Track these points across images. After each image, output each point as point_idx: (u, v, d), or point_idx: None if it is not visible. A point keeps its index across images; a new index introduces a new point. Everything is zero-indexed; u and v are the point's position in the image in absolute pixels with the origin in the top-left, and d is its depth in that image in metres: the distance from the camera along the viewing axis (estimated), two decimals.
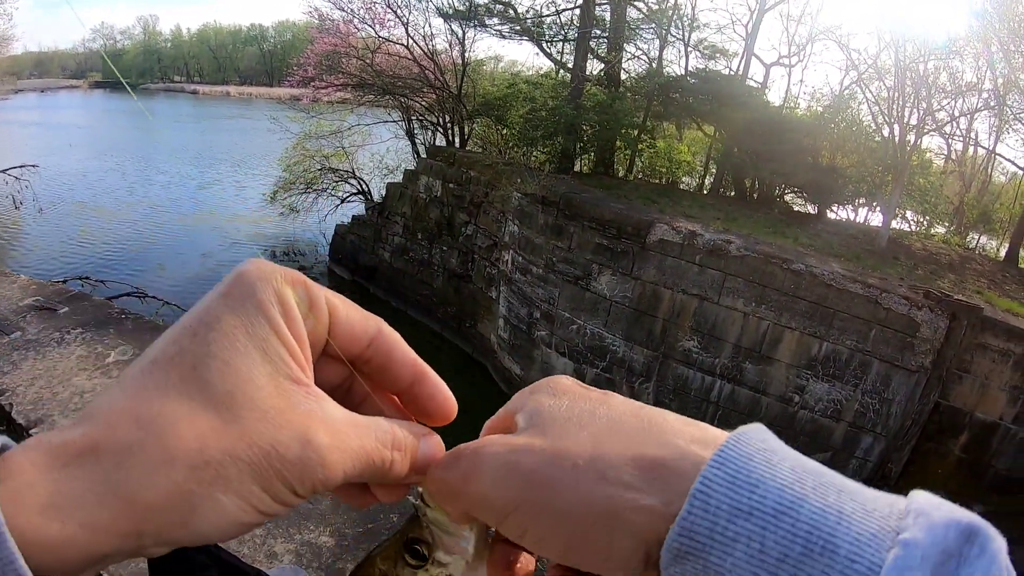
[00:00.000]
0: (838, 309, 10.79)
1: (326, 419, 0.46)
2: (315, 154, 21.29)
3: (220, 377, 0.42)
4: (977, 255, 16.28)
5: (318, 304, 0.49)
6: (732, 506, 0.39)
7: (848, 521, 0.38)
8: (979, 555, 0.36)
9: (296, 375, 0.46)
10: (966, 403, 10.63)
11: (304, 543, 4.39)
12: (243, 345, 0.44)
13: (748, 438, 0.43)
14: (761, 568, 0.37)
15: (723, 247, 11.47)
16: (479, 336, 15.69)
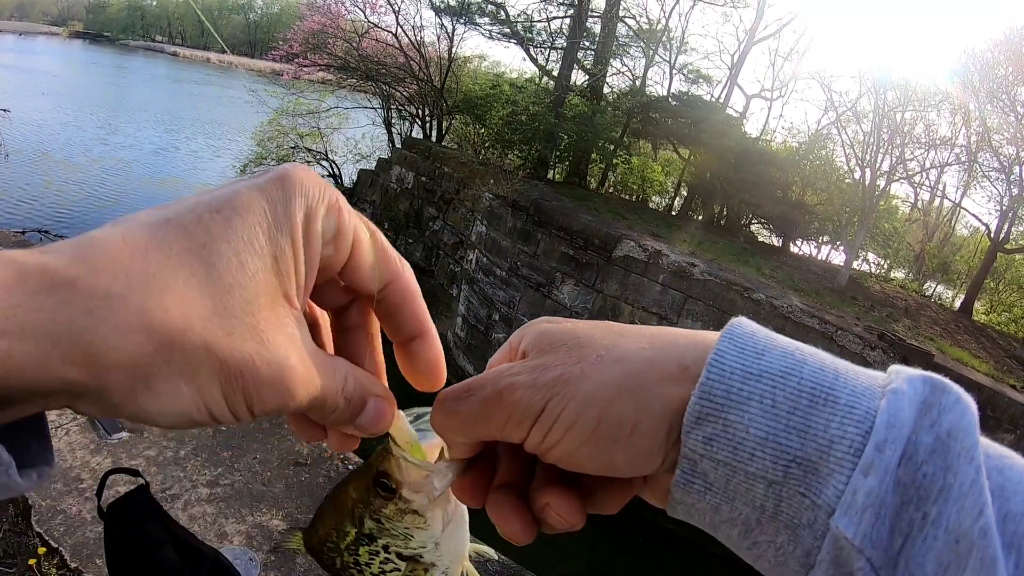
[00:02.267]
0: None
1: (303, 349, 0.45)
2: (290, 131, 21.02)
3: (228, 266, 0.41)
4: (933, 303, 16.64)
5: (344, 235, 0.49)
6: (744, 370, 0.44)
7: (844, 377, 0.44)
8: (955, 402, 0.42)
9: (292, 295, 0.45)
10: None
11: (255, 525, 4.35)
12: (260, 246, 0.43)
13: (747, 322, 0.48)
14: (775, 420, 0.42)
15: (687, 269, 11.54)
16: None
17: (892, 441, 0.39)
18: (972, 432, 0.40)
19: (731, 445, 0.43)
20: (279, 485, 4.75)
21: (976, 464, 0.39)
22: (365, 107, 21.33)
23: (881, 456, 0.39)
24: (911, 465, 0.39)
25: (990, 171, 17.85)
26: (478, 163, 15.45)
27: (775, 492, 0.42)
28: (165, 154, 30.19)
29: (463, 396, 0.50)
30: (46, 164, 24.31)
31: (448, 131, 19.43)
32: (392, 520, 0.58)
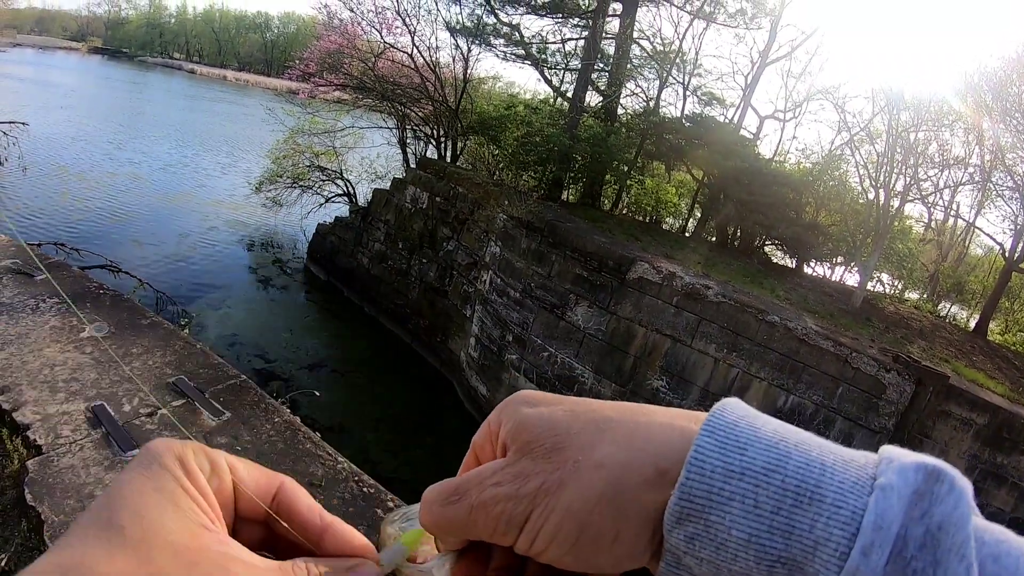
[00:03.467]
0: (808, 364, 10.85)
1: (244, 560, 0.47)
2: (305, 150, 21.20)
3: (132, 524, 0.43)
4: (948, 324, 16.51)
5: (219, 465, 0.51)
6: (725, 468, 0.43)
7: (831, 472, 0.42)
8: (948, 492, 0.40)
9: (206, 523, 0.47)
10: None
11: None
12: (153, 499, 0.45)
13: (731, 408, 0.48)
14: (757, 521, 0.42)
15: (701, 291, 11.52)
16: (449, 352, 15.62)
17: (879, 544, 0.39)
18: (964, 525, 0.39)
19: (713, 545, 0.43)
20: None
21: (967, 562, 0.38)
22: (380, 127, 21.49)
23: (867, 560, 0.38)
24: (900, 561, 0.38)
25: (1004, 190, 17.78)
26: (492, 184, 15.52)
27: None
28: (178, 170, 30.52)
29: (449, 502, 0.52)
30: (63, 178, 24.64)
31: (463, 152, 19.55)
32: None
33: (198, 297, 17.19)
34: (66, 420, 5.15)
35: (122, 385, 5.75)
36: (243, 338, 15.62)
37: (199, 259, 19.84)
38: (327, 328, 17.51)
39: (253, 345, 15.43)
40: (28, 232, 17.21)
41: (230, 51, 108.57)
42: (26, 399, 5.28)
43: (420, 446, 13.07)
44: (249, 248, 21.85)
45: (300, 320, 17.61)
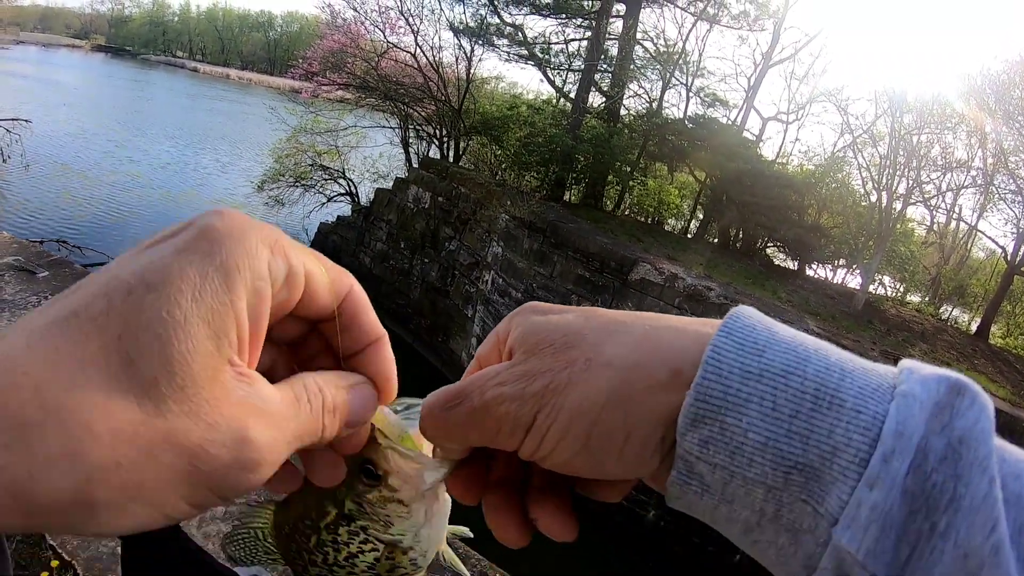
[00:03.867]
0: None
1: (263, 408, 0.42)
2: (308, 149, 21.19)
3: (148, 356, 0.37)
4: (949, 327, 16.51)
5: (295, 275, 0.46)
6: (743, 369, 0.42)
7: (851, 377, 0.41)
8: (969, 406, 0.39)
9: (235, 357, 0.41)
10: None
11: None
12: (185, 314, 0.38)
13: (747, 312, 0.46)
14: (775, 424, 0.40)
15: (703, 293, 11.53)
16: (450, 352, 15.62)
17: (900, 452, 0.38)
18: (987, 440, 0.38)
19: (728, 450, 0.41)
20: None
21: (990, 475, 0.37)
22: (383, 126, 21.51)
23: (887, 468, 0.38)
24: (920, 474, 0.37)
25: (1006, 193, 17.78)
26: (495, 184, 15.52)
27: (775, 497, 0.41)
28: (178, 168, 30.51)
29: (451, 405, 0.49)
30: (65, 175, 24.64)
31: (465, 152, 19.53)
32: (374, 506, 0.58)
33: None
34: None
35: None
36: None
37: None
38: None
39: None
40: (30, 230, 17.22)
41: (233, 50, 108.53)
42: None
43: None
44: None
45: None
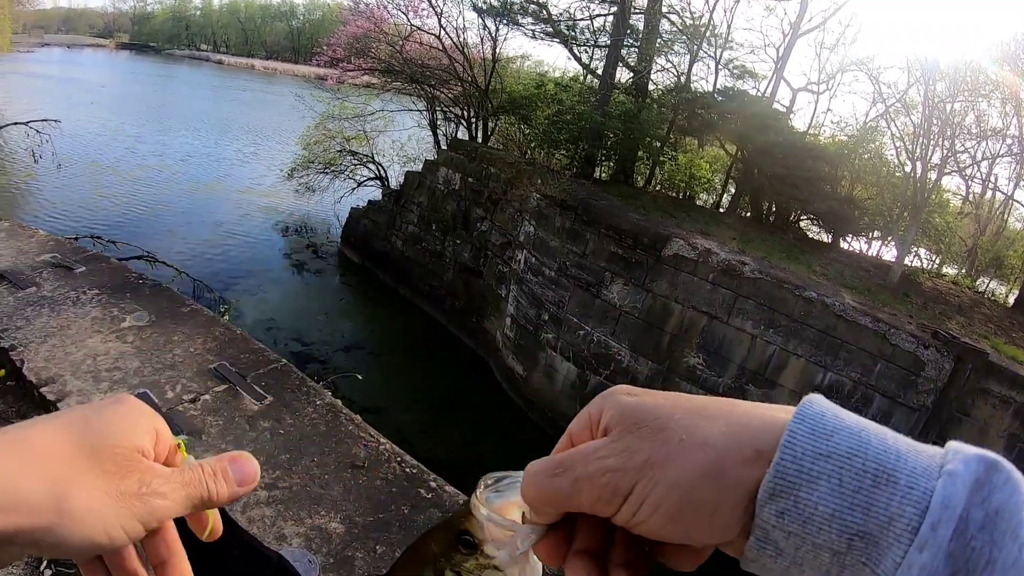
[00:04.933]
0: (846, 340, 10.76)
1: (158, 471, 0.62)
2: (336, 135, 21.30)
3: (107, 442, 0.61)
4: (986, 299, 16.24)
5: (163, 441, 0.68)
6: (814, 451, 0.49)
7: (905, 458, 0.48)
8: (1005, 482, 0.46)
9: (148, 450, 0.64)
10: None
11: (314, 527, 4.25)
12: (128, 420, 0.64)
13: (818, 401, 0.53)
14: (840, 498, 0.47)
15: (737, 268, 11.45)
16: (484, 332, 15.65)
17: (945, 521, 0.44)
18: (1018, 512, 0.45)
19: (801, 519, 0.48)
20: (337, 488, 4.71)
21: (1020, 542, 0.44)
22: (410, 109, 21.55)
23: (935, 534, 0.44)
24: (961, 539, 0.44)
25: None
26: (525, 163, 15.49)
27: (839, 560, 0.48)
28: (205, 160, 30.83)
29: (555, 473, 0.57)
30: (95, 172, 25.05)
31: (494, 132, 19.50)
32: (471, 573, 0.64)
33: (234, 284, 17.42)
34: None
35: (164, 372, 5.73)
36: (280, 322, 15.82)
37: (234, 246, 20.06)
38: (362, 311, 17.66)
39: (290, 329, 15.61)
40: (65, 226, 17.53)
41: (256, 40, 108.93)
42: (70, 389, 5.34)
43: (456, 426, 13.15)
44: (283, 234, 22.05)
45: (336, 303, 17.79)
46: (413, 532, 4.26)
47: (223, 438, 5.02)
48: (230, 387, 5.66)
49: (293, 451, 4.95)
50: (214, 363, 5.98)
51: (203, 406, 5.36)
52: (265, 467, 4.76)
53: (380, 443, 5.22)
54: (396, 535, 4.26)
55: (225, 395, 5.55)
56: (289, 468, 4.77)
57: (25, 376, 5.47)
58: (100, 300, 6.98)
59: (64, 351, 5.85)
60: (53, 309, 6.60)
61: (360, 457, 4.99)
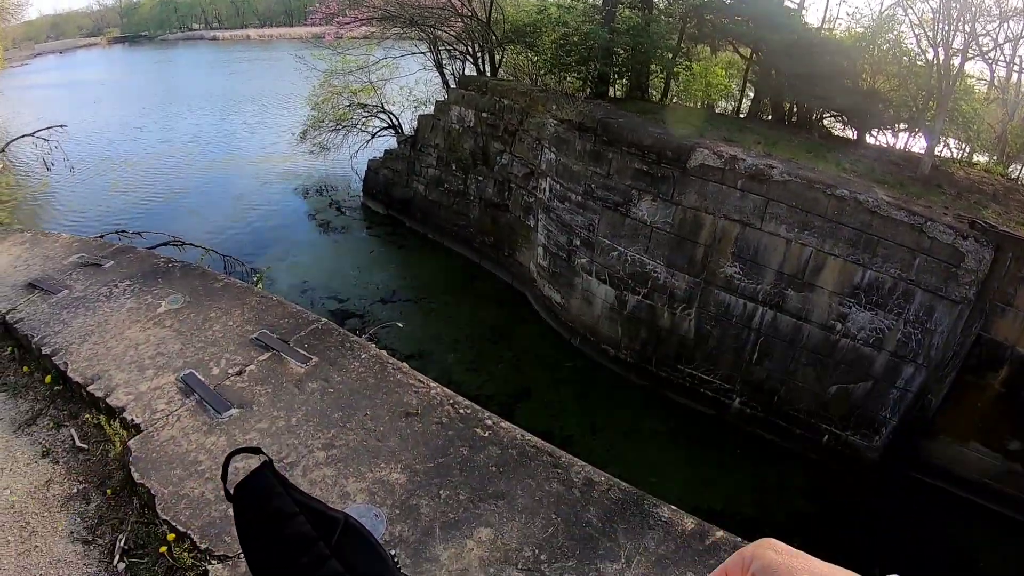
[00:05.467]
0: (882, 237, 10.56)
1: None
2: (343, 90, 21.06)
3: None
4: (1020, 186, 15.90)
5: None
6: None
7: None
8: None
9: None
10: (1008, 337, 10.43)
11: (376, 481, 4.30)
12: None
13: None
14: None
15: (765, 172, 11.23)
16: (517, 265, 15.63)
17: None
18: None
19: None
20: (393, 438, 4.72)
21: None
22: (413, 53, 21.19)
23: None
24: None
25: None
26: (537, 91, 15.22)
27: None
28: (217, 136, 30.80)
29: None
30: (110, 169, 25.23)
31: (501, 63, 19.10)
32: None
33: (263, 253, 17.55)
34: (159, 394, 5.21)
35: (207, 350, 5.78)
36: (314, 283, 15.93)
37: (258, 216, 20.12)
38: (393, 260, 17.70)
39: (324, 288, 15.73)
40: (88, 227, 17.67)
41: (248, 10, 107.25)
42: (116, 382, 5.38)
43: (500, 360, 13.29)
44: (304, 196, 22.05)
45: (366, 256, 17.84)
46: (475, 474, 4.32)
47: (274, 405, 5.06)
48: (273, 354, 5.71)
49: (345, 408, 4.97)
50: (254, 333, 6.04)
51: (250, 377, 5.43)
52: (319, 427, 4.80)
53: (431, 388, 5.30)
54: (458, 478, 4.30)
55: (270, 363, 5.60)
56: (343, 425, 4.81)
57: (71, 378, 5.54)
58: (133, 290, 7.01)
59: (105, 347, 5.89)
60: (88, 308, 6.64)
61: (412, 405, 5.04)
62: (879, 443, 11.73)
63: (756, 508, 11.19)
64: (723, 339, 12.27)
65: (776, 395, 12.14)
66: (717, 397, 12.73)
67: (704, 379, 12.72)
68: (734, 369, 12.35)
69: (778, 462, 12.10)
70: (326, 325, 6.17)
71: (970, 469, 11.75)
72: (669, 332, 12.77)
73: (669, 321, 12.68)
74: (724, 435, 12.41)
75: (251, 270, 15.38)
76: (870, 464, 11.94)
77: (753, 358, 12.11)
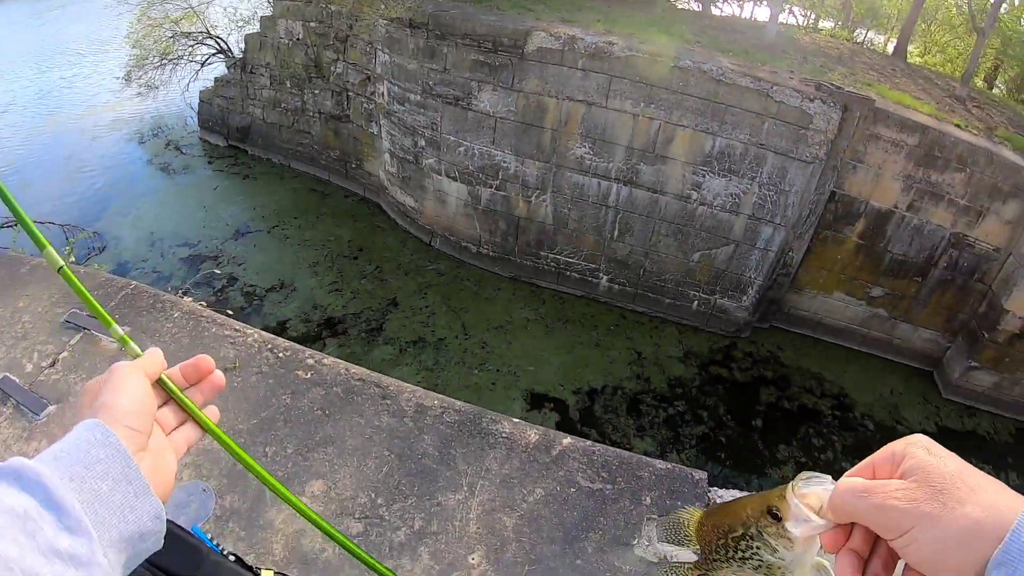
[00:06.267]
0: (729, 104, 10.60)
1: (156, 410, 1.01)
2: (163, 22, 19.23)
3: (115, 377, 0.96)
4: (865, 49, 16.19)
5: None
6: None
7: None
8: None
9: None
10: (861, 192, 11.01)
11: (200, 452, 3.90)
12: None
13: None
14: None
15: (605, 49, 10.91)
16: (367, 175, 15.03)
17: None
18: None
19: None
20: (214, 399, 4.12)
21: None
22: None
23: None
24: None
25: None
26: None
27: None
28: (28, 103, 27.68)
29: (860, 495, 0.74)
30: None
31: None
32: (770, 536, 0.84)
33: (104, 211, 16.18)
34: None
35: (18, 346, 5.10)
36: (161, 232, 14.94)
37: (92, 175, 18.49)
38: (240, 191, 16.73)
39: (173, 235, 14.77)
40: None
41: None
42: None
43: (363, 275, 12.96)
44: (139, 142, 20.39)
45: (211, 194, 16.77)
46: (300, 422, 4.11)
47: None
48: (85, 334, 5.14)
49: None
50: (64, 314, 5.40)
51: (63, 365, 4.89)
52: None
53: (247, 335, 4.88)
54: (283, 430, 4.03)
55: (82, 344, 5.04)
56: None
57: None
58: None
59: None
60: None
61: (230, 359, 4.68)
62: (747, 302, 12.11)
63: (636, 381, 11.41)
64: (582, 220, 12.20)
65: (642, 268, 12.30)
66: (584, 278, 12.81)
67: (569, 262, 12.73)
68: (597, 249, 12.38)
69: (652, 333, 12.41)
70: (136, 288, 5.55)
71: (837, 317, 12.41)
72: (527, 220, 12.59)
73: (525, 210, 12.47)
74: (596, 315, 12.60)
75: (95, 234, 14.42)
76: (741, 323, 12.37)
77: (614, 235, 12.15)
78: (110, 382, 0.91)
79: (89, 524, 0.72)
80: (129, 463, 0.80)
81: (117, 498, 0.77)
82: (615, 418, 10.73)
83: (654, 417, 10.87)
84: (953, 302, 11.56)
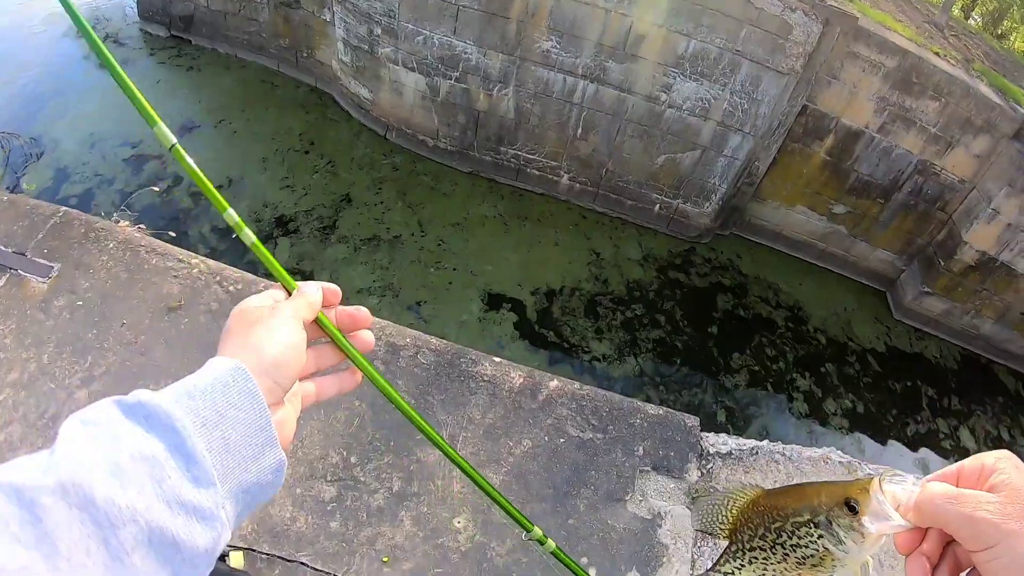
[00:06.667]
0: (707, 6, 10.15)
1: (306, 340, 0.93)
2: None
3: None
4: None
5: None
6: None
7: None
8: None
9: None
10: (833, 108, 10.89)
11: None
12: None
13: None
14: None
15: None
16: (319, 65, 14.23)
17: None
18: None
19: None
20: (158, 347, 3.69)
21: None
22: None
23: None
24: None
25: None
26: None
27: None
28: None
29: (948, 501, 0.71)
30: None
31: None
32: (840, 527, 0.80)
33: (39, 113, 15.26)
34: None
35: None
36: (102, 133, 14.21)
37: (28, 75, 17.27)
38: (185, 84, 15.91)
39: (114, 136, 13.99)
40: None
41: None
42: None
43: (315, 170, 12.46)
44: (76, 37, 19.14)
45: (154, 87, 15.90)
46: None
47: (21, 344, 3.76)
48: (11, 275, 4.24)
49: (99, 322, 3.85)
50: None
51: None
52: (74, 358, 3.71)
53: (192, 267, 4.20)
54: None
55: (8, 288, 4.19)
56: (100, 346, 3.72)
57: None
58: None
59: None
60: None
61: (175, 295, 4.01)
62: (710, 209, 11.97)
63: (595, 283, 11.27)
64: (545, 116, 11.77)
65: (604, 168, 12.01)
66: (544, 175, 12.46)
67: (530, 158, 12.34)
68: (559, 146, 12.02)
69: (612, 235, 12.25)
70: (65, 215, 4.64)
71: (798, 231, 12.43)
72: (488, 114, 12.10)
73: (486, 103, 11.95)
74: (556, 213, 12.37)
75: (32, 139, 13.74)
76: (703, 229, 12.29)
77: (578, 133, 11.77)
78: (267, 323, 0.85)
79: (216, 476, 0.68)
80: (264, 415, 0.76)
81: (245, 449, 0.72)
82: (573, 320, 10.55)
83: (612, 320, 10.74)
84: (913, 227, 11.69)
